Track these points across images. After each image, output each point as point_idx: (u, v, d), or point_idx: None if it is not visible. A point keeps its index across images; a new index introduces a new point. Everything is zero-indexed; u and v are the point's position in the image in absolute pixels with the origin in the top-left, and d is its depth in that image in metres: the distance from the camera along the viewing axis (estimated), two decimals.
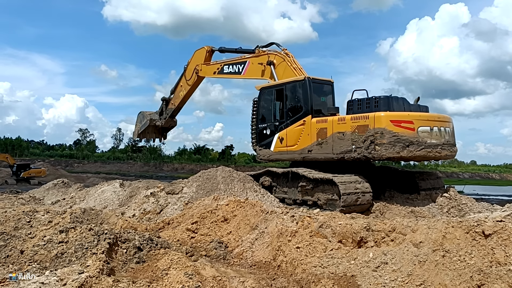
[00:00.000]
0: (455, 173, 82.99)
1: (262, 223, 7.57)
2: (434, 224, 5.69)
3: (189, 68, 16.74)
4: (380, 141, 9.95)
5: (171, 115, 18.11)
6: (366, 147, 10.18)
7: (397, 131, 9.96)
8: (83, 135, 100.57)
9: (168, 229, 8.69)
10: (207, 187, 11.47)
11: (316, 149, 11.33)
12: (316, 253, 6.07)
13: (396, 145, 9.90)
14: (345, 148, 10.64)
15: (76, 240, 5.90)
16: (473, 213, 9.88)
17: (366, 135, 10.20)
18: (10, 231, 6.67)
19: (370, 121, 10.20)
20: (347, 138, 10.61)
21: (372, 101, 10.68)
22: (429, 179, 12.74)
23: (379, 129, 10.00)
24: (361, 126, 10.38)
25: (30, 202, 14.53)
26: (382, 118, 10.08)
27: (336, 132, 10.87)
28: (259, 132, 13.10)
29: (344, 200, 9.89)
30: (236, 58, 15.01)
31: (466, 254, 4.80)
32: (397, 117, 10.17)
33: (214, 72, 15.73)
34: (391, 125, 10.00)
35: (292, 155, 12.08)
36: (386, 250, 5.61)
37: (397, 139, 9.90)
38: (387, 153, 9.91)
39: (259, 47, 14.05)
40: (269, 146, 12.68)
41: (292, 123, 12.04)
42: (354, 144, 10.43)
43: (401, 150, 9.91)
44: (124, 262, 5.66)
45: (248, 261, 6.77)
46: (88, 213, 9.00)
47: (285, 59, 13.10)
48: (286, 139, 12.11)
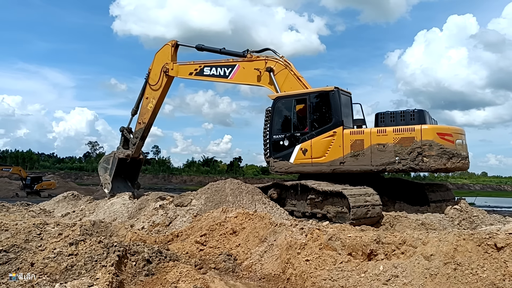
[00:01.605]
0: (466, 184, 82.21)
1: (271, 236, 7.54)
2: (445, 237, 5.63)
3: (154, 73, 15.49)
4: (429, 153, 10.21)
5: (141, 136, 15.76)
6: (412, 158, 10.35)
7: (442, 143, 10.32)
8: (92, 147, 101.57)
9: (177, 241, 8.68)
10: (215, 199, 11.45)
11: (350, 161, 11.15)
12: (326, 266, 6.03)
13: (442, 157, 10.24)
14: (386, 159, 10.66)
15: (85, 253, 5.92)
16: (485, 225, 9.76)
17: (412, 147, 10.37)
18: (21, 244, 6.72)
19: (417, 133, 10.39)
20: (389, 149, 10.65)
21: (408, 114, 10.91)
22: (439, 191, 12.63)
23: (427, 141, 10.26)
24: (405, 138, 10.52)
25: (41, 215, 14.61)
26: (429, 131, 10.37)
27: (376, 143, 10.84)
28: (274, 143, 12.55)
29: (354, 213, 9.82)
30: (221, 60, 14.32)
31: (478, 267, 4.74)
32: (441, 130, 10.61)
33: (190, 73, 14.77)
34: (438, 137, 10.34)
35: (318, 167, 11.72)
36: (396, 263, 5.55)
37: (443, 151, 10.26)
38: (436, 164, 10.19)
39: (251, 52, 13.57)
40: (287, 158, 12.20)
41: (319, 134, 11.72)
42: (398, 156, 10.53)
43: (447, 162, 10.28)
44: (133, 275, 5.67)
45: (257, 274, 6.73)
46: (98, 226, 9.05)
47: (287, 67, 12.86)
48: (311, 150, 11.78)
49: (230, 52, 14.21)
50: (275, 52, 13.44)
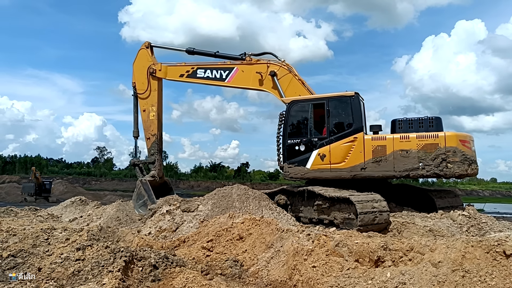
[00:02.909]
0: (475, 190, 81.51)
1: (277, 242, 7.52)
2: (453, 244, 5.58)
3: (140, 82, 14.28)
4: (453, 159, 10.52)
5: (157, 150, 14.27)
6: (436, 165, 10.59)
7: (464, 150, 10.67)
8: (101, 153, 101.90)
9: (184, 247, 8.69)
10: (222, 205, 11.45)
11: (372, 167, 11.15)
12: (333, 272, 6.00)
13: (464, 163, 10.57)
14: (410, 165, 10.82)
15: (92, 258, 5.93)
16: (493, 232, 9.66)
17: (436, 153, 10.62)
18: (29, 249, 6.75)
19: (441, 140, 10.68)
20: (413, 156, 10.80)
21: (426, 121, 11.13)
22: (447, 197, 12.55)
23: (451, 147, 10.56)
24: (429, 145, 10.76)
25: (48, 220, 14.68)
26: (453, 138, 10.70)
27: (399, 150, 10.93)
28: (288, 148, 12.29)
29: (361, 219, 9.77)
30: (217, 62, 13.68)
31: (486, 274, 4.69)
32: (463, 137, 10.98)
33: (181, 74, 13.95)
34: (460, 144, 10.69)
35: (338, 173, 11.60)
36: (404, 269, 5.51)
37: (465, 158, 10.60)
38: (460, 170, 10.50)
39: (250, 55, 13.20)
40: (303, 164, 11.98)
41: (338, 140, 11.63)
42: (422, 162, 10.70)
43: (468, 168, 10.63)
44: (140, 280, 5.67)
45: (263, 280, 6.71)
46: (105, 231, 9.07)
47: (291, 71, 12.75)
48: (330, 156, 11.67)
49: (226, 56, 13.67)
50: (275, 56, 13.20)
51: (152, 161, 14.36)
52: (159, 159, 14.30)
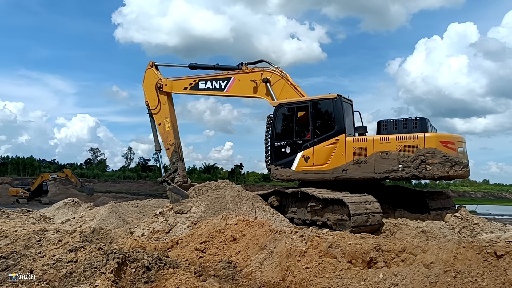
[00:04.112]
0: (467, 192, 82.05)
1: (271, 243, 7.53)
2: (445, 245, 5.62)
3: (151, 99, 15.23)
4: (432, 161, 10.27)
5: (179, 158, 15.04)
6: (415, 166, 10.40)
7: (445, 151, 10.37)
8: (94, 154, 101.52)
9: (177, 248, 8.67)
10: (215, 206, 11.44)
11: (353, 168, 11.15)
12: (326, 273, 6.01)
13: (445, 165, 10.30)
14: (389, 167, 10.69)
15: (85, 260, 5.91)
16: (485, 233, 9.73)
17: (415, 155, 10.43)
18: (20, 250, 6.72)
19: (420, 141, 10.46)
20: (392, 157, 10.69)
21: (410, 122, 10.98)
22: (440, 199, 12.61)
23: (430, 149, 10.33)
24: (408, 146, 10.57)
25: (41, 221, 14.60)
26: (433, 139, 10.45)
27: (379, 151, 10.86)
28: (275, 150, 12.51)
29: (354, 220, 9.80)
30: (216, 74, 14.20)
31: (478, 275, 4.73)
32: (444, 138, 10.70)
33: (185, 87, 14.64)
34: (441, 145, 10.40)
35: (321, 175, 11.69)
36: (396, 270, 5.54)
37: (446, 159, 10.31)
38: (439, 172, 10.25)
39: (246, 64, 13.54)
40: (289, 165, 12.14)
41: (321, 142, 11.71)
42: (401, 164, 10.57)
43: (449, 170, 10.34)
44: (133, 282, 5.66)
45: (257, 281, 6.71)
46: (98, 232, 9.03)
47: (283, 77, 12.89)
48: (313, 158, 11.75)
49: (224, 67, 14.17)
50: (270, 64, 13.45)
51: (174, 169, 15.00)
52: (181, 166, 15.00)
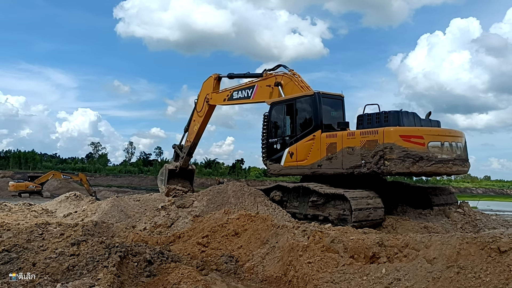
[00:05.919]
0: (468, 188, 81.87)
1: (273, 238, 7.53)
2: (448, 240, 5.60)
3: (200, 100, 16.93)
4: (390, 156, 9.87)
5: (188, 152, 17.65)
6: (375, 162, 10.10)
7: (406, 146, 9.89)
8: (95, 148, 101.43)
9: (179, 242, 8.68)
10: (217, 201, 11.45)
11: (326, 164, 11.27)
12: (328, 268, 6.00)
13: (406, 160, 9.83)
14: (354, 163, 10.56)
15: (87, 253, 5.92)
16: (488, 229, 9.72)
17: (375, 150, 10.15)
18: (23, 244, 6.72)
19: (379, 136, 10.16)
20: (357, 153, 10.53)
21: (382, 116, 10.66)
22: (442, 195, 12.56)
23: (388, 144, 9.94)
24: (370, 141, 10.33)
25: (43, 215, 14.64)
26: (391, 133, 10.03)
27: (346, 147, 10.80)
28: (269, 147, 13.11)
29: (356, 215, 9.79)
30: (244, 83, 15.19)
31: (481, 271, 4.71)
32: (406, 132, 10.11)
33: (224, 99, 15.80)
34: (401, 140, 9.93)
35: (302, 170, 12.04)
36: (399, 266, 5.53)
37: (406, 154, 9.83)
38: (396, 168, 9.83)
39: (267, 71, 14.22)
40: (279, 161, 12.63)
41: (302, 138, 12.03)
42: (364, 159, 10.37)
43: (411, 166, 9.86)
44: (135, 276, 5.66)
45: (258, 276, 6.72)
46: (100, 226, 9.04)
47: (292, 78, 13.22)
48: (296, 153, 12.11)
49: (252, 75, 15.27)
50: (285, 67, 13.98)
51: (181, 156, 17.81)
52: (186, 158, 17.72)
